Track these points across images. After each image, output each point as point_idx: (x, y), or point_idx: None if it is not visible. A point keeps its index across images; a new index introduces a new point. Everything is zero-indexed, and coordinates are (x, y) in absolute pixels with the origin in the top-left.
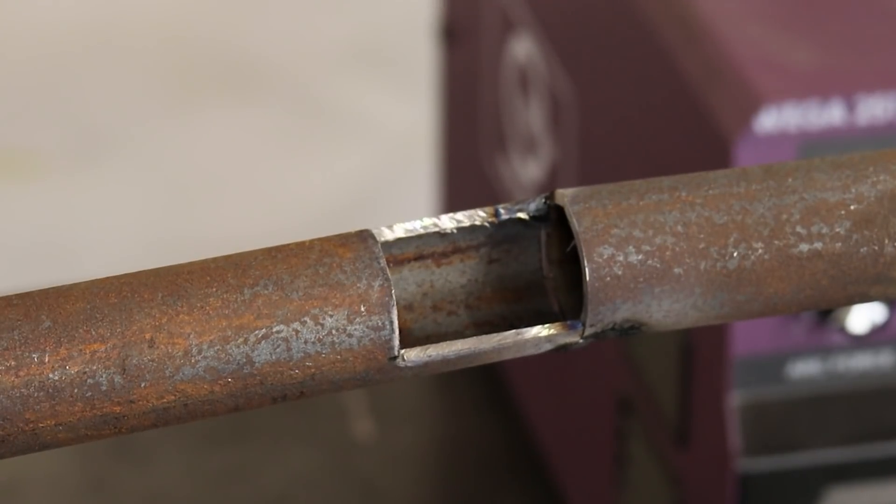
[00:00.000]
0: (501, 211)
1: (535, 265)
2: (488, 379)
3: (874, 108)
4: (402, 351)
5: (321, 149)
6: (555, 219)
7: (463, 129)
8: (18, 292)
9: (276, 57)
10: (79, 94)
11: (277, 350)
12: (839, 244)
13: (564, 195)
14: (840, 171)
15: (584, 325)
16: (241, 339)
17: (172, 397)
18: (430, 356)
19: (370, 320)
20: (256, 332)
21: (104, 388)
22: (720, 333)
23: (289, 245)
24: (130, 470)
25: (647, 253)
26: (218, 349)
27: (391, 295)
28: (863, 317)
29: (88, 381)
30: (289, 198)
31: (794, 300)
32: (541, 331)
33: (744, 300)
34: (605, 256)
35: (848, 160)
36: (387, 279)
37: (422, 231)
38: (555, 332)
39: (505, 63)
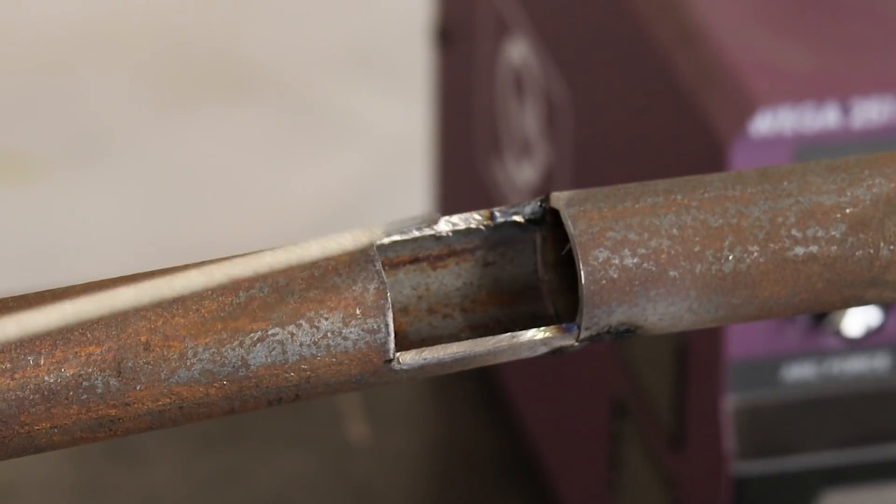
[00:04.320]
0: (497, 214)
1: (530, 268)
2: (483, 382)
3: (869, 112)
4: (398, 354)
5: (316, 152)
6: (550, 222)
7: (458, 132)
8: (14, 295)
9: (271, 60)
10: (73, 97)
11: (273, 353)
12: (834, 247)
13: (560, 198)
14: (835, 175)
15: (579, 328)
16: (236, 342)
17: (168, 400)
18: (425, 359)
19: (365, 323)
20: (252, 334)
21: (99, 390)
22: (715, 336)
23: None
24: (125, 473)
25: (643, 256)
26: (213, 352)
27: (387, 298)
28: (858, 320)
29: (84, 383)
30: (284, 201)
31: (790, 303)
32: (536, 334)
33: (739, 303)
34: (601, 259)
35: (843, 163)
36: (382, 282)
37: (417, 234)
38: (550, 335)
39: (500, 66)
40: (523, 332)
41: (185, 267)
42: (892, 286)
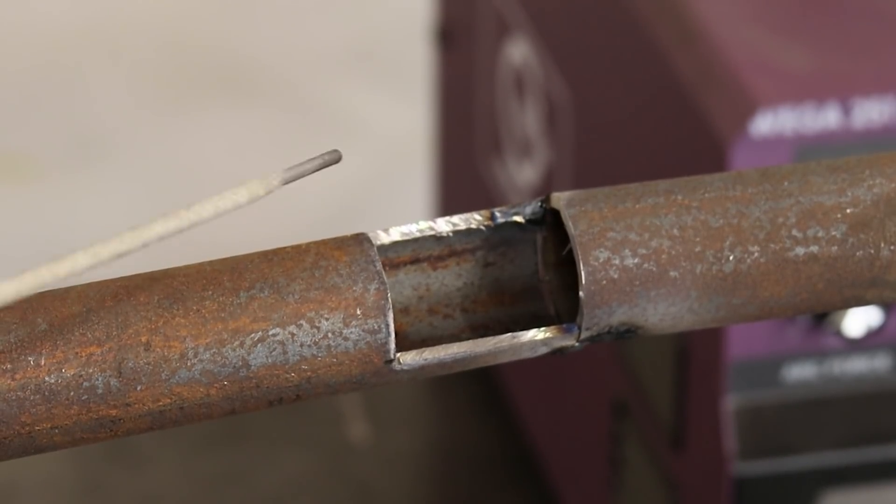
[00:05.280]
0: (497, 214)
1: (531, 268)
2: (484, 382)
3: (870, 112)
4: (398, 354)
5: (317, 152)
6: (551, 222)
7: (459, 133)
8: None
9: (272, 60)
10: (74, 98)
11: (273, 353)
12: (835, 248)
13: (560, 198)
14: (836, 175)
15: (580, 328)
16: (237, 343)
17: (168, 400)
18: (426, 359)
19: (366, 324)
20: (252, 335)
21: (100, 391)
22: (716, 337)
23: (285, 248)
24: (125, 473)
25: (643, 256)
26: (214, 352)
27: (387, 298)
28: (858, 320)
29: (84, 384)
30: (284, 201)
31: (790, 303)
32: (537, 334)
33: (739, 303)
34: (601, 260)
35: (844, 164)
36: (383, 282)
37: (418, 234)
38: (551, 335)
39: (500, 66)
40: (524, 332)
41: (186, 267)
42: (893, 286)
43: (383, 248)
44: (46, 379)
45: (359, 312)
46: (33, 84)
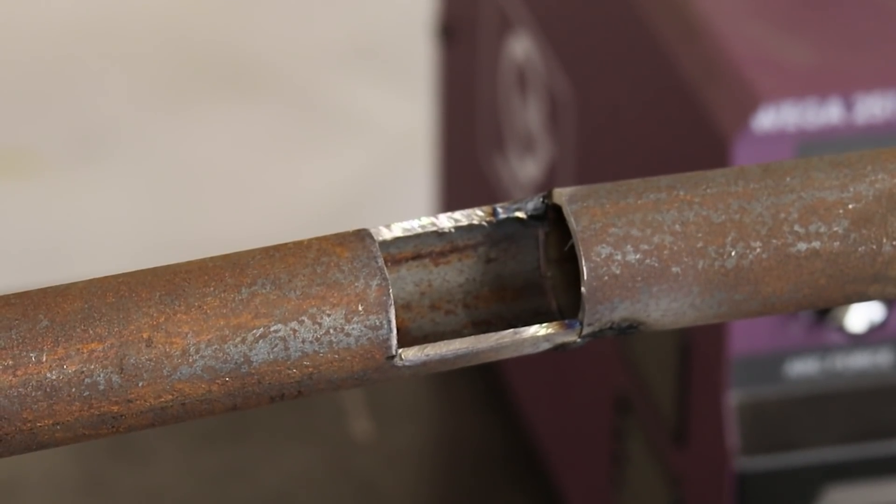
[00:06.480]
0: (499, 210)
1: (532, 264)
2: (486, 378)
3: (872, 107)
4: (400, 350)
5: (319, 148)
6: (553, 218)
7: (461, 128)
8: (16, 291)
9: (274, 56)
10: (76, 94)
11: (275, 349)
12: (837, 243)
13: (562, 194)
14: (838, 170)
15: (581, 324)
16: (238, 339)
17: (170, 397)
18: (427, 355)
19: (368, 320)
20: (254, 331)
21: (102, 387)
22: (718, 332)
23: (286, 244)
24: (128, 469)
25: (645, 252)
26: (215, 348)
27: (389, 294)
28: (861, 316)
29: (86, 380)
30: (286, 197)
31: (792, 299)
32: (539, 330)
33: (742, 299)
34: (603, 255)
35: (846, 159)
36: (384, 278)
37: (420, 230)
38: (553, 331)
39: (503, 62)
40: (526, 328)
41: (188, 263)
42: (895, 282)
43: (385, 244)
44: (48, 375)
45: (360, 308)
46: (36, 80)
